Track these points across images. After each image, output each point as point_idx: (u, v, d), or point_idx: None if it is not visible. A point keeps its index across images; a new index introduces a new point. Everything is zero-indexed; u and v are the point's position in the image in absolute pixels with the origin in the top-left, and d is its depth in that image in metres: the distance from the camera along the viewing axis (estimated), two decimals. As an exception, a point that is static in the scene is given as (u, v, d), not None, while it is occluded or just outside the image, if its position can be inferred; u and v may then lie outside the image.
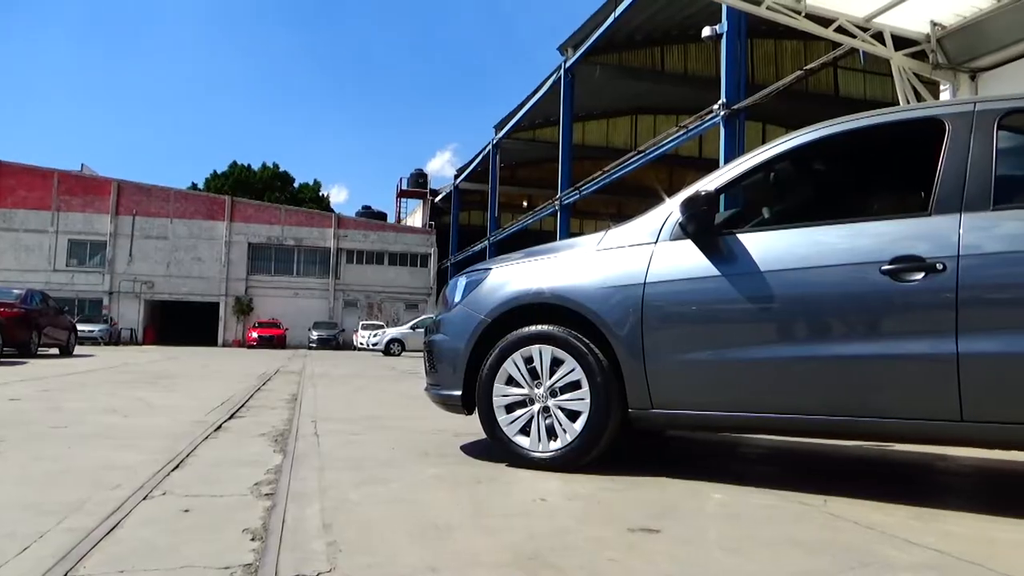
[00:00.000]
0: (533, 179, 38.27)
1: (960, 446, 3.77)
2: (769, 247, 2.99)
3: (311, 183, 60.12)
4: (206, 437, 4.07)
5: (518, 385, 3.33)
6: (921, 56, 7.44)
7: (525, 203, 38.01)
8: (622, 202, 35.27)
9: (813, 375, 2.83)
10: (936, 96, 7.63)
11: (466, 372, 3.47)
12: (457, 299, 3.66)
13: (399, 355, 25.19)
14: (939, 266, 2.63)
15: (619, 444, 3.37)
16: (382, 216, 52.11)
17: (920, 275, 2.66)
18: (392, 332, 27.86)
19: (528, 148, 34.35)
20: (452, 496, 2.74)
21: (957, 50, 7.20)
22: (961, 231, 2.66)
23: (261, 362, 15.98)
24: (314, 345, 35.95)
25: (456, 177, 41.01)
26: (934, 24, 7.22)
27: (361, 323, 35.98)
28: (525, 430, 3.29)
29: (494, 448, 3.41)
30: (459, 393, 3.49)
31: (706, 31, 14.80)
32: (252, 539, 2.10)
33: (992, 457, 4.00)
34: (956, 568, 1.99)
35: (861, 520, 2.47)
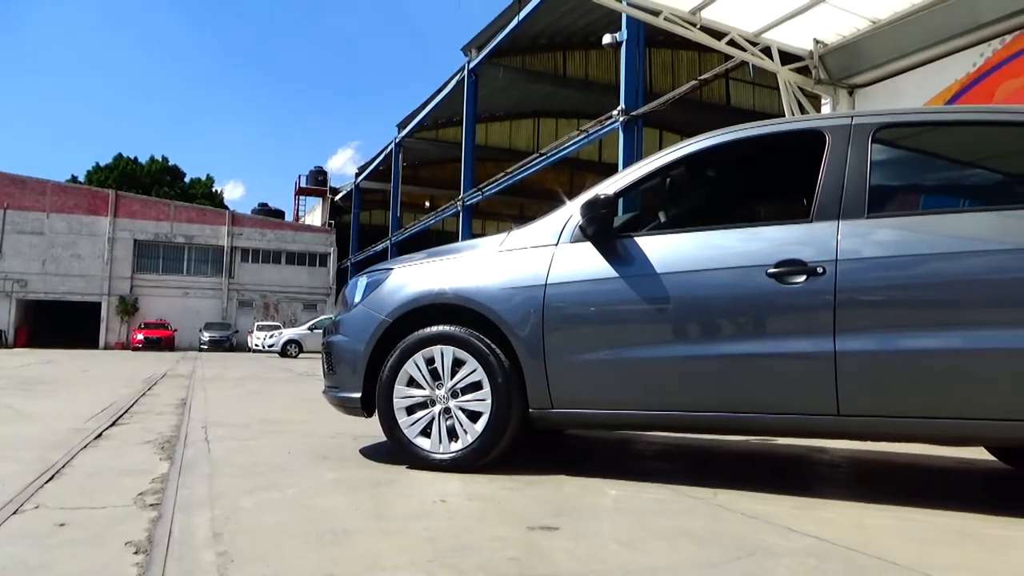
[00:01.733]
0: (436, 179, 38.10)
1: (837, 439, 4.03)
2: (665, 250, 3.09)
3: (203, 178, 57.55)
4: (85, 446, 3.83)
5: (419, 386, 3.30)
6: (805, 71, 7.88)
7: (427, 203, 37.77)
8: (524, 204, 35.63)
9: (705, 373, 2.94)
10: (818, 109, 8.10)
11: (366, 374, 3.41)
12: (357, 299, 3.60)
13: (296, 357, 24.52)
14: (820, 269, 2.80)
15: (520, 444, 3.40)
16: (280, 214, 50.55)
17: (803, 278, 2.82)
18: (289, 333, 27.10)
19: (431, 148, 34.16)
20: (351, 500, 2.69)
21: (837, 67, 7.67)
22: (839, 237, 2.83)
23: (147, 365, 15.18)
24: (205, 347, 34.46)
25: (358, 175, 40.30)
26: (817, 42, 7.67)
27: (256, 324, 34.76)
28: (426, 432, 3.27)
29: (394, 450, 3.37)
30: (359, 395, 3.42)
31: (607, 38, 15.16)
32: (135, 552, 1.99)
33: (865, 449, 4.28)
34: (832, 553, 2.11)
35: (747, 511, 2.59)
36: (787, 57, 7.84)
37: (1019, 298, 2.65)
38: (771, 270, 2.86)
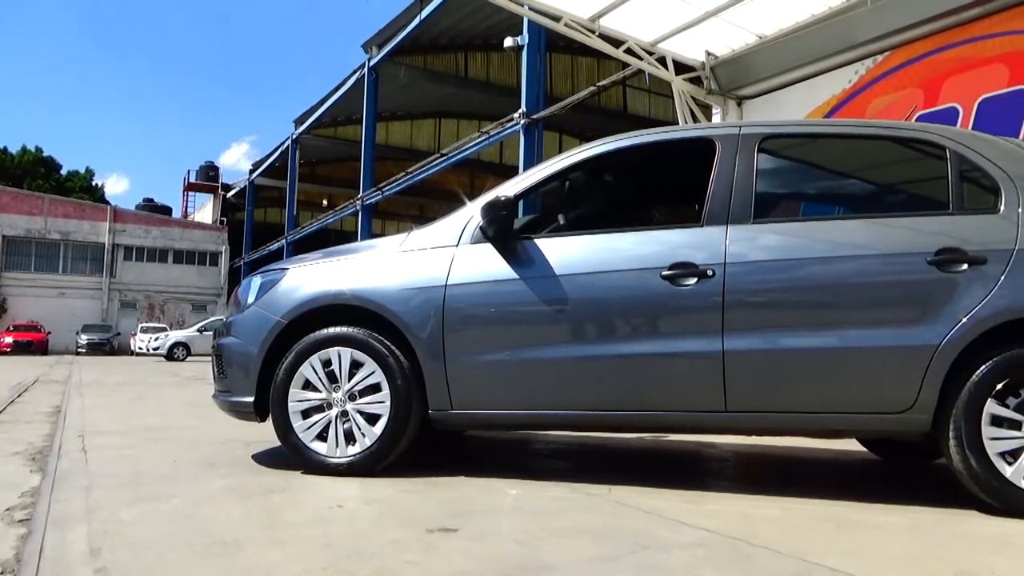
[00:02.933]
0: (334, 177, 37.27)
1: (725, 434, 4.21)
2: (564, 252, 3.14)
3: (82, 171, 53.99)
4: (-57, 458, 3.52)
5: (315, 389, 3.22)
6: (698, 81, 8.20)
7: (325, 202, 36.91)
8: (425, 204, 35.38)
9: (603, 373, 3.01)
10: (709, 118, 8.45)
11: (259, 377, 3.29)
12: (251, 300, 3.47)
13: (184, 360, 23.40)
14: (709, 272, 2.92)
15: (419, 446, 3.37)
16: (167, 210, 48.10)
17: (694, 280, 2.93)
18: (176, 335, 25.83)
19: (330, 145, 33.41)
20: (242, 509, 2.59)
21: (727, 79, 8.03)
22: (727, 241, 2.97)
23: (17, 371, 14.10)
24: (83, 350, 32.30)
25: (252, 172, 38.91)
26: (708, 54, 8.00)
27: (140, 326, 32.94)
28: (322, 436, 3.19)
29: (289, 456, 3.26)
30: (251, 399, 3.30)
31: (508, 42, 15.28)
32: (1, 572, 1.84)
33: (750, 443, 4.49)
34: (721, 544, 2.21)
35: (642, 506, 2.67)
36: (681, 67, 8.14)
37: (885, 299, 2.87)
38: (665, 272, 2.96)
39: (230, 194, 43.77)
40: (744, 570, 1.97)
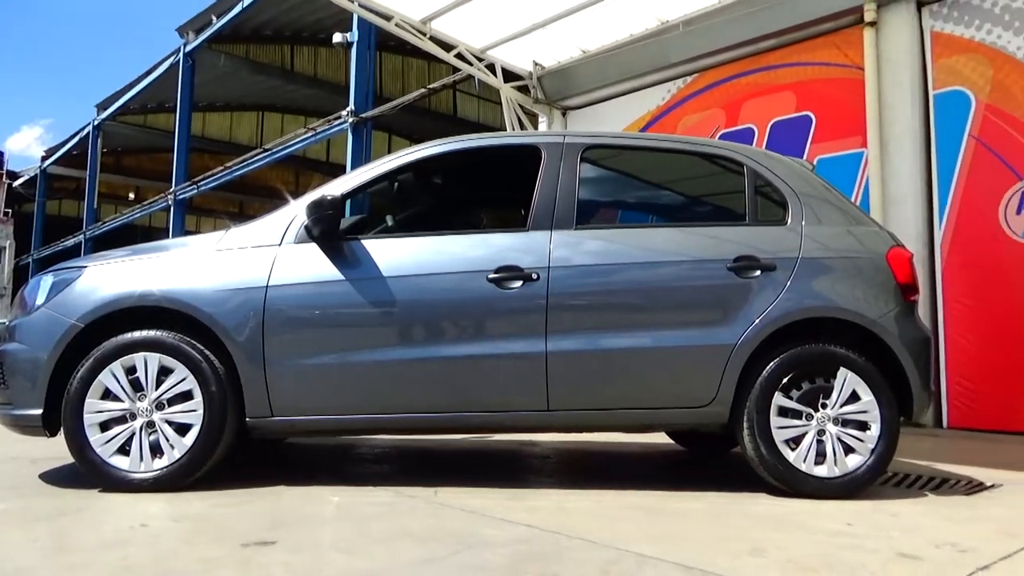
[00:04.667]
0: (143, 169, 34.44)
1: (547, 432, 4.37)
2: (391, 253, 3.11)
3: None
4: None
5: (117, 399, 2.94)
6: (525, 90, 8.43)
7: (132, 195, 34.01)
8: (245, 201, 33.60)
9: (429, 375, 3.01)
10: (536, 126, 8.72)
11: (49, 387, 2.96)
12: (40, 301, 3.11)
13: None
14: (534, 276, 3.01)
15: (236, 455, 3.19)
16: (-63, 198, 42.20)
17: (519, 283, 3.01)
18: (-51, 341, 22.67)
19: (138, 134, 30.80)
20: (27, 534, 2.32)
21: (553, 89, 8.33)
22: (551, 246, 3.08)
23: None
24: None
25: (45, 159, 35.02)
26: (536, 64, 8.25)
27: (-99, 330, 28.62)
28: (124, 449, 2.92)
29: (85, 474, 2.96)
30: (39, 412, 2.96)
31: (337, 37, 14.90)
32: None
33: (569, 439, 4.68)
34: (542, 538, 2.28)
35: (466, 506, 2.70)
36: (510, 75, 8.33)
37: (692, 303, 3.12)
38: (491, 275, 3.02)
39: (17, 183, 39.10)
40: (562, 561, 2.05)
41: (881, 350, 3.08)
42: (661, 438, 4.57)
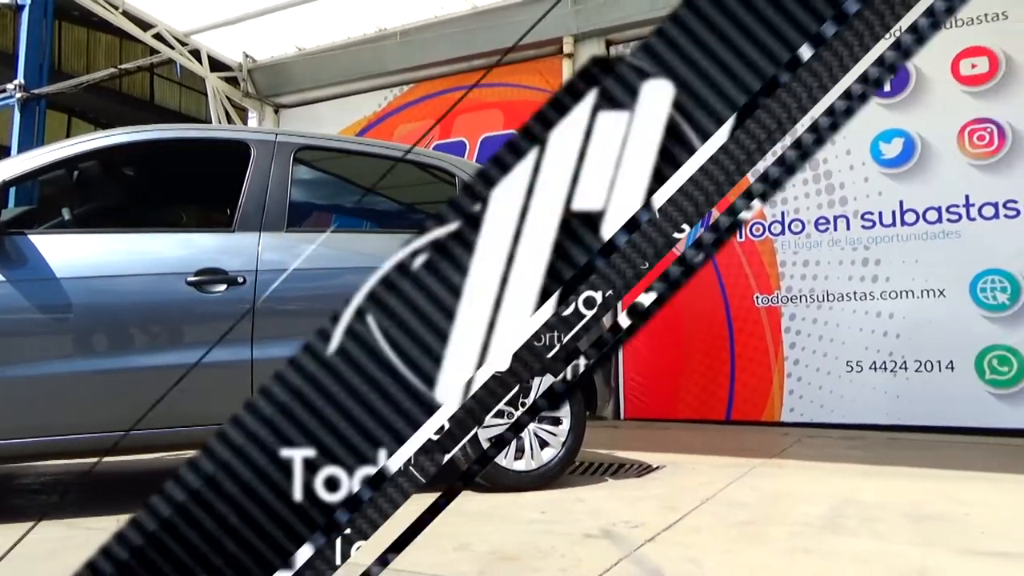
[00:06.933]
0: None
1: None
2: (68, 252, 2.73)
3: None
4: None
5: None
6: (234, 82, 7.94)
7: None
8: None
9: (115, 389, 2.69)
10: (245, 121, 8.25)
11: None
12: None
13: None
14: (240, 279, 2.84)
15: None
16: None
17: (223, 287, 2.82)
18: None
19: None
20: None
21: (265, 84, 7.95)
22: (260, 248, 2.93)
23: None
24: None
25: None
26: (247, 56, 7.81)
27: None
28: None
29: None
30: None
31: (1, -4, 12.75)
32: None
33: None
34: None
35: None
36: (218, 64, 7.79)
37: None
38: (191, 278, 2.79)
39: None
40: None
41: (572, 351, 3.40)
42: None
